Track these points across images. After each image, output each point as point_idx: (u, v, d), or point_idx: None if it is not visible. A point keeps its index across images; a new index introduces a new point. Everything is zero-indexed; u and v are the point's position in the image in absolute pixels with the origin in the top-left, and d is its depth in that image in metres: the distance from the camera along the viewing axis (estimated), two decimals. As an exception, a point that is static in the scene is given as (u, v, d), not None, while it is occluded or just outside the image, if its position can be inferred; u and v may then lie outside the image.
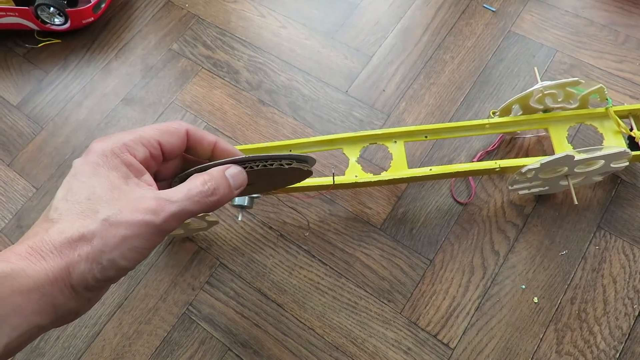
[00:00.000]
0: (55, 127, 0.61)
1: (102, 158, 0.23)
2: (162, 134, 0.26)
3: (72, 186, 0.23)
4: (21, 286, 0.20)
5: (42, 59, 0.67)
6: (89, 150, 0.24)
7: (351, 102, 0.59)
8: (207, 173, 0.25)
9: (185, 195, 0.24)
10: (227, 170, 0.25)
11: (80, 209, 0.22)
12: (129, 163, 0.24)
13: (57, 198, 0.23)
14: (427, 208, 0.52)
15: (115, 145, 0.24)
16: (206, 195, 0.24)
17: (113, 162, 0.23)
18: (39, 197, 0.57)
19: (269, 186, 0.35)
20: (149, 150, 0.25)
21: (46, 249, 0.21)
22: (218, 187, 0.25)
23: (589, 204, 0.50)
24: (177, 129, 0.26)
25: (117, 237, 0.22)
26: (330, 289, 0.49)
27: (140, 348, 0.48)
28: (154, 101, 0.62)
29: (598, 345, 0.45)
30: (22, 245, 0.22)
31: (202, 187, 0.24)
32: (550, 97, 0.45)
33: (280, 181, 0.34)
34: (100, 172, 0.23)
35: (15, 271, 0.20)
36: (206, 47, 0.65)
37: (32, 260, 0.21)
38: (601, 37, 0.59)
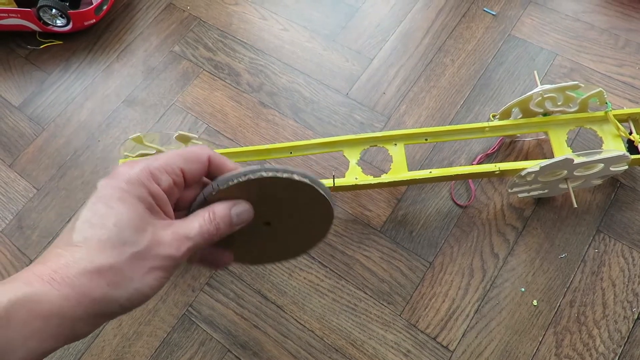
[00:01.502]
0: (56, 128, 0.62)
1: (129, 185, 0.23)
2: (186, 162, 0.26)
3: (97, 210, 0.23)
4: (42, 310, 0.20)
5: (44, 60, 0.67)
6: (116, 174, 0.24)
7: (352, 105, 0.59)
8: (211, 210, 0.26)
9: (198, 232, 0.25)
10: (233, 208, 0.26)
11: (106, 236, 0.22)
12: (154, 193, 0.24)
13: (81, 219, 0.23)
14: (427, 211, 0.52)
15: (142, 174, 0.24)
16: (211, 234, 0.26)
17: (139, 191, 0.24)
18: (39, 197, 0.57)
19: (285, 224, 0.31)
20: (172, 178, 0.25)
21: (71, 274, 0.21)
22: (220, 226, 0.26)
23: (589, 207, 0.50)
24: (200, 155, 0.27)
25: (144, 269, 0.23)
26: (330, 290, 0.49)
27: (140, 349, 0.48)
28: (155, 103, 0.62)
29: (597, 348, 0.45)
30: (44, 268, 0.21)
31: (208, 225, 0.25)
32: (550, 101, 0.45)
33: (296, 219, 0.31)
34: (127, 200, 0.23)
35: (38, 295, 0.20)
36: (207, 49, 0.65)
37: (55, 285, 0.21)
38: (601, 41, 0.60)
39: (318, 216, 0.31)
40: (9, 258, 0.54)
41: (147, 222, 0.23)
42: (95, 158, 0.59)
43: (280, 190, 0.28)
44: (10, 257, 0.54)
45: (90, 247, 0.22)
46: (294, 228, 0.31)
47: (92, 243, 0.22)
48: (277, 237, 0.31)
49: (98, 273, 0.22)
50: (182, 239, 0.24)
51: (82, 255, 0.22)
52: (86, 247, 0.22)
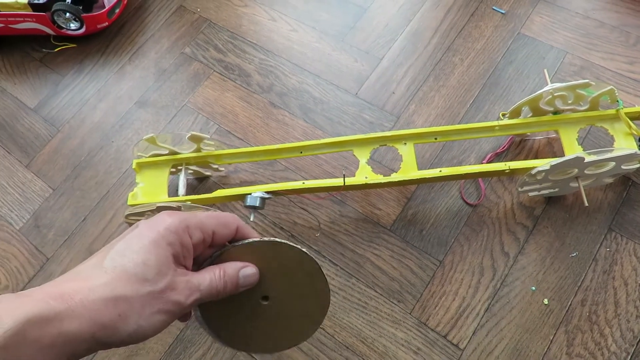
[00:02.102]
0: (71, 130, 0.63)
1: (166, 231, 0.26)
2: (218, 226, 0.29)
3: (132, 245, 0.26)
4: (53, 328, 0.22)
5: (58, 63, 0.68)
6: (158, 220, 0.27)
7: (361, 105, 0.59)
8: (223, 269, 0.29)
9: (207, 286, 0.28)
10: (242, 270, 0.29)
11: (133, 270, 0.25)
12: (184, 244, 0.27)
13: (115, 249, 0.26)
14: (436, 209, 0.52)
15: (180, 225, 0.27)
16: (219, 290, 0.28)
17: (172, 239, 0.26)
18: (55, 197, 0.58)
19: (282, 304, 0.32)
20: (203, 236, 0.28)
21: (90, 298, 0.23)
22: (227, 284, 0.29)
23: (600, 205, 0.50)
24: (231, 222, 0.30)
25: (154, 308, 0.25)
26: (340, 289, 0.50)
27: (154, 345, 0.49)
28: (166, 104, 0.63)
29: (609, 347, 0.44)
30: (67, 286, 0.24)
31: (218, 282, 0.28)
32: (560, 99, 0.45)
33: (294, 300, 0.32)
34: (160, 244, 0.26)
35: (52, 312, 0.22)
36: (218, 51, 0.66)
37: (72, 305, 0.23)
38: (612, 38, 0.59)
39: (314, 303, 0.32)
40: (26, 256, 0.55)
41: (169, 267, 0.26)
42: (109, 158, 0.60)
43: (286, 261, 0.30)
44: (28, 255, 0.55)
45: (115, 276, 0.24)
46: (289, 311, 0.32)
47: (118, 272, 0.25)
48: (271, 317, 0.32)
49: (114, 301, 0.24)
50: (193, 289, 0.27)
51: (107, 281, 0.24)
52: (112, 274, 0.24)
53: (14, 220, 0.57)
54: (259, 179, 0.56)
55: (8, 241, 0.56)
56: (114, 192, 0.58)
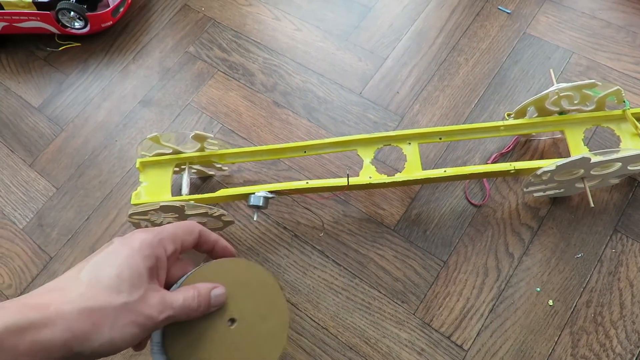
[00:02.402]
0: (75, 129, 0.63)
1: (141, 246, 0.28)
2: (185, 234, 0.31)
3: (108, 259, 0.27)
4: (28, 336, 0.23)
5: (63, 62, 0.68)
6: (133, 236, 0.28)
7: (365, 104, 0.59)
8: (197, 289, 0.30)
9: (181, 305, 0.28)
10: (213, 290, 0.30)
11: (107, 283, 0.26)
12: (159, 257, 0.29)
13: (91, 263, 0.27)
14: (440, 210, 0.52)
15: (154, 240, 0.29)
16: (192, 309, 0.29)
17: (147, 252, 0.28)
18: (59, 196, 0.58)
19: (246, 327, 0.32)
20: (175, 247, 0.30)
21: (67, 310, 0.24)
22: (201, 304, 0.29)
23: (606, 206, 0.50)
24: (193, 229, 0.32)
25: (126, 320, 0.26)
26: (344, 289, 0.49)
27: (157, 345, 0.49)
28: (170, 103, 0.63)
29: (614, 349, 0.44)
30: (44, 298, 0.25)
31: (191, 301, 0.29)
32: (566, 99, 0.45)
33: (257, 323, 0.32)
34: (135, 258, 0.27)
35: (28, 322, 0.23)
36: (222, 50, 0.66)
37: (48, 314, 0.24)
38: (618, 38, 0.59)
39: (276, 321, 0.33)
40: (29, 255, 0.55)
41: (143, 281, 0.27)
42: (113, 158, 0.60)
43: (248, 279, 0.33)
44: (31, 254, 0.55)
45: (90, 287, 0.26)
46: (255, 333, 0.32)
47: (93, 284, 0.26)
48: (237, 341, 0.31)
49: (89, 312, 0.25)
50: (167, 305, 0.28)
51: (82, 292, 0.25)
52: (87, 286, 0.26)
53: (17, 219, 0.58)
54: (262, 178, 0.56)
55: (11, 240, 0.56)
56: (117, 191, 0.58)
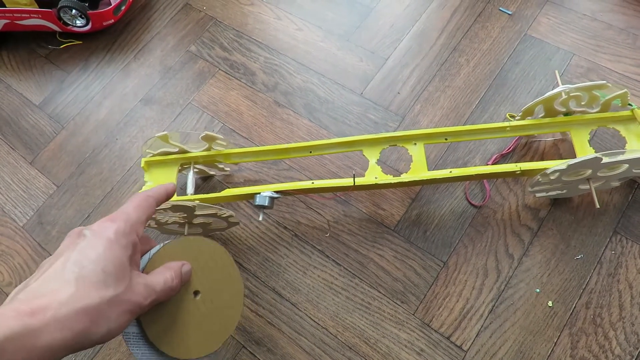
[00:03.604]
0: (75, 127, 0.63)
1: (117, 236, 0.28)
2: (146, 212, 0.31)
3: (88, 254, 0.27)
4: (27, 343, 0.23)
5: (64, 59, 0.68)
6: (103, 226, 0.28)
7: (366, 104, 0.59)
8: (171, 269, 0.31)
9: (162, 288, 0.30)
10: (183, 267, 0.32)
11: (95, 279, 0.26)
12: (134, 243, 0.29)
13: (72, 260, 0.27)
14: (441, 210, 0.52)
15: (127, 227, 0.29)
16: (173, 289, 0.31)
17: (124, 241, 0.28)
18: (59, 194, 0.58)
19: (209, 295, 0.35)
20: (144, 227, 0.31)
21: (62, 313, 0.25)
22: (178, 284, 0.31)
23: (606, 208, 0.50)
24: (150, 203, 0.32)
25: (119, 311, 0.27)
26: (343, 289, 0.49)
27: (156, 344, 0.49)
28: (171, 102, 0.63)
29: (613, 350, 0.44)
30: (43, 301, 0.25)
31: (171, 282, 0.31)
32: (575, 100, 0.45)
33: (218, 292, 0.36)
34: (115, 249, 0.28)
35: (26, 329, 0.23)
36: (223, 49, 0.66)
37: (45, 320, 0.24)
38: (619, 40, 0.59)
39: (232, 292, 0.36)
40: (29, 253, 0.55)
41: (126, 270, 0.28)
42: (114, 156, 0.60)
43: (206, 254, 0.35)
44: (31, 252, 0.55)
45: (79, 287, 0.26)
46: (217, 304, 0.35)
47: (81, 283, 0.26)
48: (203, 313, 0.34)
49: (84, 311, 0.25)
50: (150, 291, 0.29)
51: (73, 292, 0.25)
52: (76, 286, 0.26)
53: (17, 217, 0.58)
54: (263, 177, 0.56)
55: (12, 238, 0.56)
56: (117, 189, 0.58)
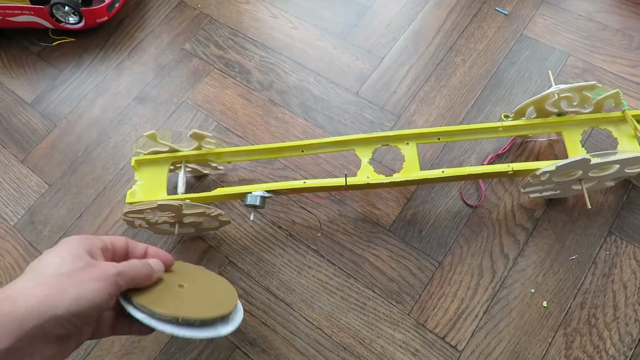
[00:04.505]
0: (68, 125, 0.62)
1: (74, 239, 0.32)
2: (111, 238, 0.35)
3: (48, 256, 0.30)
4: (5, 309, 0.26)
5: (56, 57, 0.68)
6: (63, 240, 0.32)
7: (362, 104, 0.59)
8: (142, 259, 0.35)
9: (127, 262, 0.33)
10: (151, 260, 0.35)
11: (53, 267, 0.29)
12: (93, 243, 0.32)
13: (31, 265, 0.30)
14: (436, 210, 0.52)
15: (84, 236, 0.33)
16: (138, 265, 0.33)
17: (81, 241, 0.32)
18: (51, 193, 0.58)
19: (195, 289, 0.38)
20: (105, 243, 0.34)
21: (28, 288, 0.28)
22: (144, 263, 0.34)
23: (600, 209, 0.50)
24: (119, 238, 0.36)
25: (84, 278, 0.29)
26: (338, 289, 0.49)
27: (149, 344, 0.49)
28: (165, 100, 0.62)
29: (607, 350, 0.44)
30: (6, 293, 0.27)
31: (137, 262, 0.33)
32: (566, 101, 0.45)
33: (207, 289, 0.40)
34: (71, 247, 0.31)
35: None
36: (218, 47, 0.65)
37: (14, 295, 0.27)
38: (615, 41, 0.59)
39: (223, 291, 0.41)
40: (20, 252, 0.54)
41: (84, 256, 0.31)
42: (107, 154, 0.59)
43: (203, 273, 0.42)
44: (22, 252, 0.54)
45: (39, 278, 0.28)
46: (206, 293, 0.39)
47: (41, 275, 0.29)
48: (191, 295, 0.37)
49: (43, 283, 0.28)
50: (114, 264, 0.31)
51: (35, 283, 0.28)
52: (36, 278, 0.28)
53: (8, 216, 0.57)
54: (257, 177, 0.56)
55: (2, 237, 0.56)
56: (110, 188, 0.57)
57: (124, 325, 0.35)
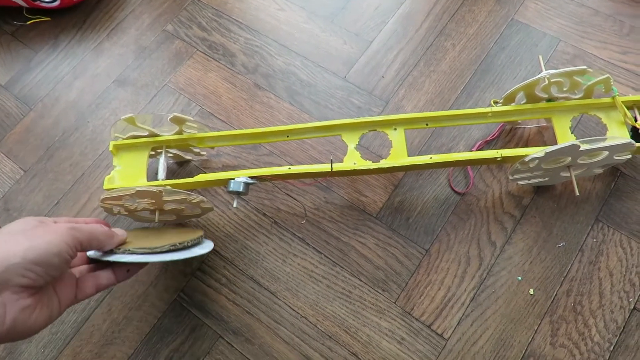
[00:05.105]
0: (44, 108, 0.60)
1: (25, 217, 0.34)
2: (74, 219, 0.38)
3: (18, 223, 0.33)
4: None
5: (31, 37, 0.65)
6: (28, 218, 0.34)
7: (349, 88, 0.58)
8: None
9: (81, 225, 0.34)
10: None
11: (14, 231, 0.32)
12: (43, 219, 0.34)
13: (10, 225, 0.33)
14: (424, 197, 0.51)
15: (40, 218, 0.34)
16: (87, 223, 0.37)
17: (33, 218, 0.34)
18: (27, 179, 0.55)
19: None
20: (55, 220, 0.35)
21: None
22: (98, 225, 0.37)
23: (588, 196, 0.49)
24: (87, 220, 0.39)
25: (40, 232, 0.31)
26: (324, 277, 0.48)
27: (130, 334, 0.47)
28: (146, 83, 0.60)
29: (592, 337, 0.44)
30: None
31: (96, 225, 0.36)
32: (556, 86, 0.44)
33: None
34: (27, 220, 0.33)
35: None
36: (201, 29, 0.63)
37: None
38: (606, 27, 0.58)
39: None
40: (-5, 240, 0.52)
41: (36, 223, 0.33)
42: (85, 140, 0.57)
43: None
44: (-3, 240, 0.52)
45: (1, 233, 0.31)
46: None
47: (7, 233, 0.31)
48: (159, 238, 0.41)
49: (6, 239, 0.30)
50: (69, 225, 0.33)
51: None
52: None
53: (-18, 202, 0.55)
54: (242, 163, 0.54)
55: (-24, 224, 0.53)
56: (89, 174, 0.55)
57: (104, 278, 0.38)
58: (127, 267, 0.39)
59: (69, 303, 0.34)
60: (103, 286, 0.37)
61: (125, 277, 0.39)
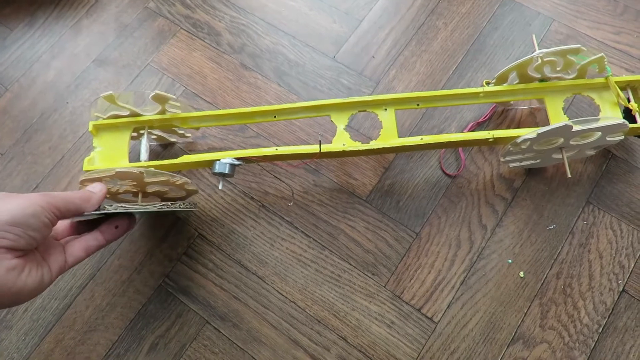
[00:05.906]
0: (21, 89, 0.57)
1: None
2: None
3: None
4: None
5: (6, 14, 0.61)
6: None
7: (339, 69, 0.56)
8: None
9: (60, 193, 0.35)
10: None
11: None
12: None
13: None
14: (414, 180, 0.50)
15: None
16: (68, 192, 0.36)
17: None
18: (3, 163, 0.53)
19: None
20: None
21: None
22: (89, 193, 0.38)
23: (579, 178, 0.49)
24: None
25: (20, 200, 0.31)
26: (313, 261, 0.47)
27: (114, 321, 0.46)
28: (128, 63, 0.58)
29: (582, 319, 0.44)
30: None
31: (76, 192, 0.36)
32: (549, 65, 0.43)
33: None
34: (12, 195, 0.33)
35: None
36: (185, 6, 0.61)
37: None
38: (599, 7, 0.57)
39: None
40: (-29, 226, 0.50)
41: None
42: (64, 121, 0.55)
43: None
44: (-27, 225, 0.50)
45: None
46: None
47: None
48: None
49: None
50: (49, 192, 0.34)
51: None
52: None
53: (-43, 187, 0.52)
54: (228, 145, 0.53)
55: (-50, 209, 0.51)
56: (69, 157, 0.53)
57: (92, 239, 0.38)
58: (114, 224, 0.39)
59: (60, 269, 0.35)
60: (93, 247, 0.38)
61: (114, 235, 0.39)
